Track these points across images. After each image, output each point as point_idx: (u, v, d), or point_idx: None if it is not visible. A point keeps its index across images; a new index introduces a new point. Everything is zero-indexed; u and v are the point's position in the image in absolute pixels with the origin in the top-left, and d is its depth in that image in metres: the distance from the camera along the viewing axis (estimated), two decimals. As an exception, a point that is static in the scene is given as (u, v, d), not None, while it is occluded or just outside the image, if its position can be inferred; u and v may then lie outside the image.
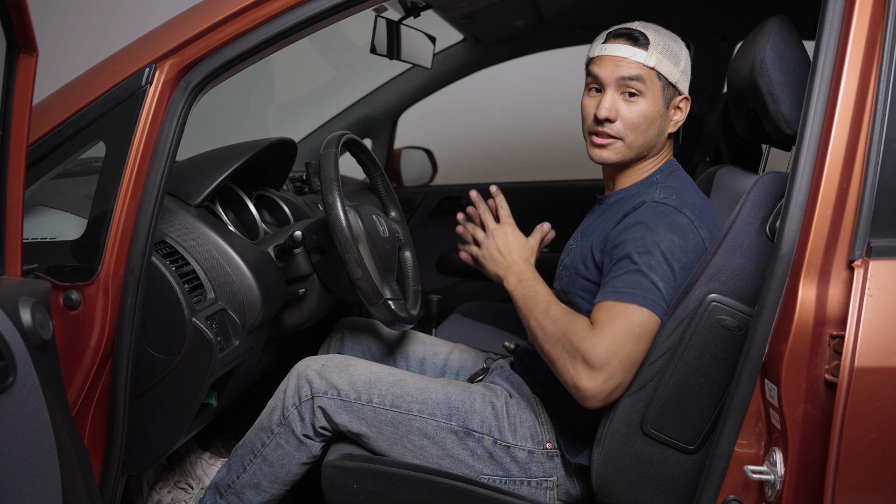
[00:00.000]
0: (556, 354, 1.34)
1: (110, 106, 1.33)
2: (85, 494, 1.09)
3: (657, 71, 1.43)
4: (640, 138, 1.45)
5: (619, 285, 1.33)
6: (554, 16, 2.53)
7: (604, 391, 1.29)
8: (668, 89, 1.45)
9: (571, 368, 1.31)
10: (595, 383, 1.29)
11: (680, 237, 1.35)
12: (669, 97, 1.46)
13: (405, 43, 2.22)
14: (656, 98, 1.44)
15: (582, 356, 1.30)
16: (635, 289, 1.32)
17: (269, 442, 1.55)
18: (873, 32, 1.12)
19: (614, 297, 1.33)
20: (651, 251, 1.33)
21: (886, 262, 1.08)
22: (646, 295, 1.31)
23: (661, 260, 1.33)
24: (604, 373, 1.28)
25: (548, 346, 1.36)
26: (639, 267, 1.33)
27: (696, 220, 1.38)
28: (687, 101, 1.49)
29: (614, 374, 1.29)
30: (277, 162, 1.95)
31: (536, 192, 3.09)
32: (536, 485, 1.49)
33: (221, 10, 1.34)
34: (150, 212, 1.31)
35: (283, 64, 4.03)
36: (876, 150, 1.10)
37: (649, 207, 1.39)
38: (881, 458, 1.07)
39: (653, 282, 1.32)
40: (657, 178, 1.48)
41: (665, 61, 1.43)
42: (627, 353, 1.30)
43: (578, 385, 1.30)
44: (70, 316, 1.29)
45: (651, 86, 1.43)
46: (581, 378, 1.29)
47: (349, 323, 1.88)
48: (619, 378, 1.30)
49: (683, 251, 1.34)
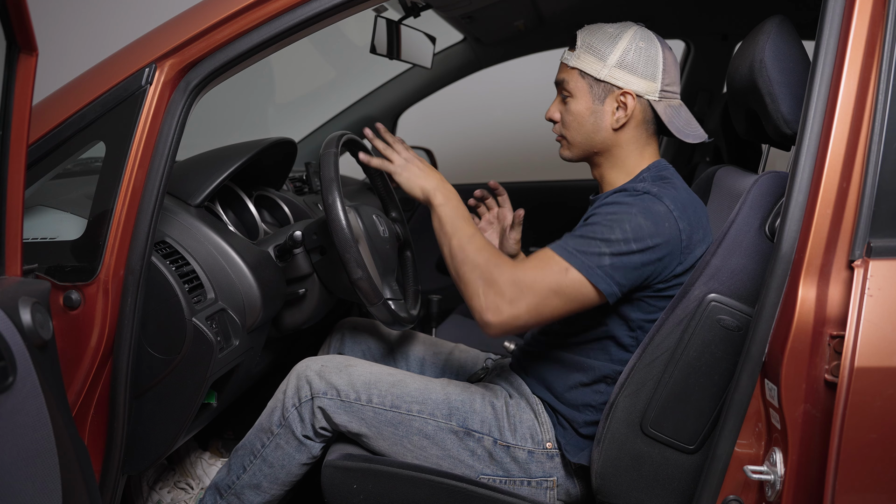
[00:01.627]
0: (469, 278, 1.35)
1: (110, 106, 1.33)
2: (85, 494, 1.09)
3: (579, 70, 1.47)
4: (577, 136, 1.50)
5: (569, 244, 1.35)
6: (554, 16, 2.53)
7: (506, 325, 1.33)
8: (598, 85, 1.46)
9: (483, 296, 1.33)
10: (502, 317, 1.32)
11: (652, 222, 1.34)
12: (602, 93, 1.46)
13: (405, 43, 2.22)
14: (583, 96, 1.47)
15: (496, 287, 1.32)
16: (581, 253, 1.33)
17: (269, 443, 1.55)
18: (873, 32, 1.12)
19: (557, 250, 1.34)
20: (613, 227, 1.33)
21: (886, 262, 1.08)
22: (588, 263, 1.32)
23: (620, 237, 1.33)
24: (513, 309, 1.31)
25: (464, 269, 1.36)
26: (595, 235, 1.34)
27: (675, 210, 1.37)
28: (627, 95, 1.45)
29: (519, 315, 1.32)
30: (277, 162, 1.95)
31: (536, 192, 3.09)
32: (536, 485, 1.49)
33: (221, 10, 1.34)
34: (150, 212, 1.31)
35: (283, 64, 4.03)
36: (876, 150, 1.10)
37: (629, 193, 1.40)
38: (881, 458, 1.07)
39: (601, 252, 1.32)
40: (644, 175, 1.47)
41: (588, 59, 1.46)
42: (539, 302, 1.32)
43: (484, 312, 1.32)
44: (70, 316, 1.29)
45: (577, 85, 1.48)
46: (488, 306, 1.32)
47: (349, 323, 1.88)
48: (523, 320, 1.32)
49: (651, 236, 1.33)
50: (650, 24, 1.51)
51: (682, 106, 1.50)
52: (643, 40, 1.45)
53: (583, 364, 1.48)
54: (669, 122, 1.46)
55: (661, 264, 1.35)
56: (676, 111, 1.48)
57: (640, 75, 1.44)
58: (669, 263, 1.36)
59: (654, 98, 1.45)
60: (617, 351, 1.45)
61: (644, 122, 1.47)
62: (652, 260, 1.34)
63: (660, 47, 1.46)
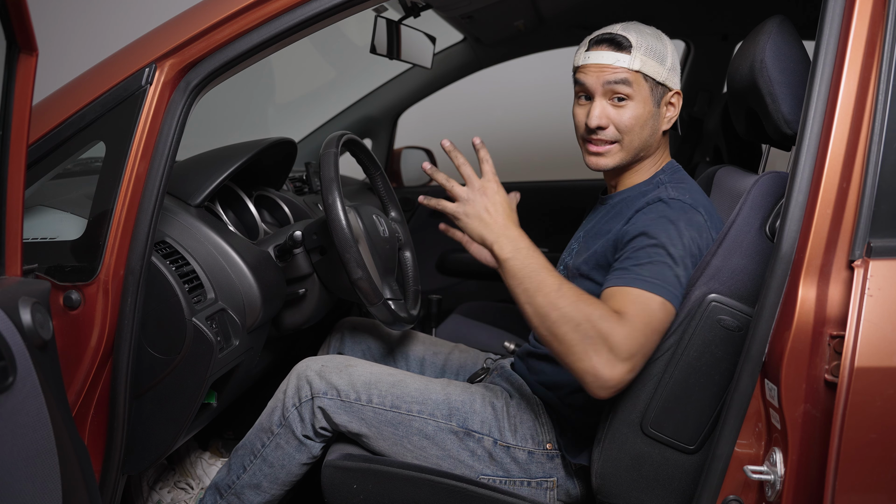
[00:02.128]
0: (573, 339, 1.22)
1: (110, 106, 1.33)
2: (85, 494, 1.09)
3: (643, 73, 1.42)
4: (636, 140, 1.45)
5: (646, 274, 1.28)
6: (554, 16, 2.53)
7: (622, 382, 1.24)
8: (658, 89, 1.44)
9: (594, 355, 1.21)
10: (617, 373, 1.21)
11: (698, 234, 1.35)
12: (659, 96, 1.45)
13: (405, 43, 2.22)
14: (645, 99, 1.43)
15: (609, 344, 1.21)
16: (663, 281, 1.28)
17: (270, 442, 1.55)
18: (873, 32, 1.12)
19: (642, 285, 1.27)
20: (675, 244, 1.32)
21: (886, 262, 1.08)
22: (672, 290, 1.29)
23: (683, 254, 1.31)
24: (629, 364, 1.22)
25: (563, 329, 1.23)
26: (664, 259, 1.30)
27: (708, 220, 1.38)
28: (678, 95, 1.48)
29: (636, 367, 1.24)
30: (277, 162, 1.95)
31: (536, 192, 3.09)
32: (536, 485, 1.49)
33: (221, 10, 1.34)
34: (150, 212, 1.31)
35: (283, 64, 4.03)
36: (876, 150, 1.10)
37: (667, 205, 1.38)
38: (881, 458, 1.07)
39: (677, 275, 1.30)
40: (661, 178, 1.48)
41: (650, 62, 1.42)
42: (651, 348, 1.27)
43: (599, 374, 1.21)
44: (70, 316, 1.29)
45: (638, 88, 1.42)
46: (603, 367, 1.21)
47: (349, 323, 1.88)
48: (636, 372, 1.25)
49: (700, 249, 1.34)
50: (650, 24, 1.51)
51: None
52: (671, 43, 1.48)
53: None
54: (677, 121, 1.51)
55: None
56: None
57: (679, 76, 1.48)
58: None
59: None
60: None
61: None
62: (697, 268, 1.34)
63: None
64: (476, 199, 1.32)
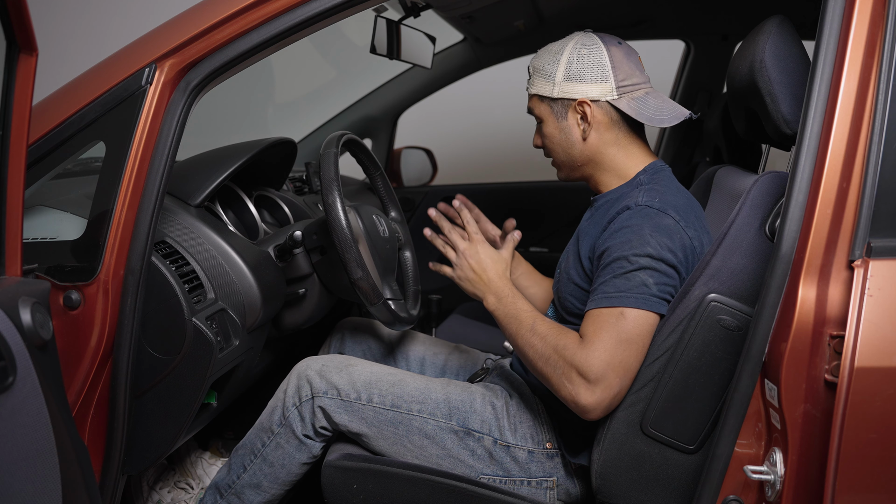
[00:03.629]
0: (549, 372, 1.35)
1: (110, 106, 1.33)
2: (85, 494, 1.09)
3: (537, 95, 1.50)
4: (561, 155, 1.52)
5: (609, 290, 1.33)
6: (554, 16, 2.53)
7: (603, 402, 1.30)
8: (556, 104, 1.48)
9: (568, 384, 1.31)
10: (594, 397, 1.30)
11: (667, 237, 1.34)
12: (562, 109, 1.47)
13: (405, 43, 2.22)
14: (548, 117, 1.50)
15: (577, 371, 1.30)
16: (624, 291, 1.32)
17: (270, 442, 1.55)
18: (873, 32, 1.12)
19: (604, 303, 1.33)
20: (638, 253, 1.33)
21: (886, 262, 1.08)
22: (636, 295, 1.31)
23: (648, 261, 1.32)
24: (601, 385, 1.29)
25: (540, 365, 1.36)
26: (626, 269, 1.33)
27: (681, 221, 1.37)
28: (583, 104, 1.45)
29: (611, 385, 1.29)
30: (277, 162, 1.95)
31: (536, 192, 3.09)
32: (536, 485, 1.49)
33: (221, 10, 1.34)
34: (150, 212, 1.31)
35: (283, 64, 4.03)
36: (876, 150, 1.10)
37: (633, 211, 1.38)
38: (881, 458, 1.07)
39: (642, 281, 1.31)
40: (641, 178, 1.47)
41: (538, 81, 1.49)
42: (621, 360, 1.30)
43: (578, 401, 1.31)
44: (70, 316, 1.29)
45: (540, 110, 1.51)
46: (580, 393, 1.30)
47: (349, 323, 1.88)
48: (616, 387, 1.30)
49: (673, 251, 1.34)
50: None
51: (649, 93, 1.48)
52: (585, 47, 1.45)
53: (583, 364, 1.48)
54: (637, 113, 1.45)
55: (686, 272, 1.35)
56: (642, 101, 1.46)
57: (590, 81, 1.45)
58: (689, 270, 1.36)
59: (612, 97, 1.45)
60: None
61: (612, 122, 1.47)
62: (680, 270, 1.34)
63: (603, 48, 1.45)
64: (463, 263, 1.50)
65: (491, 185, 3.17)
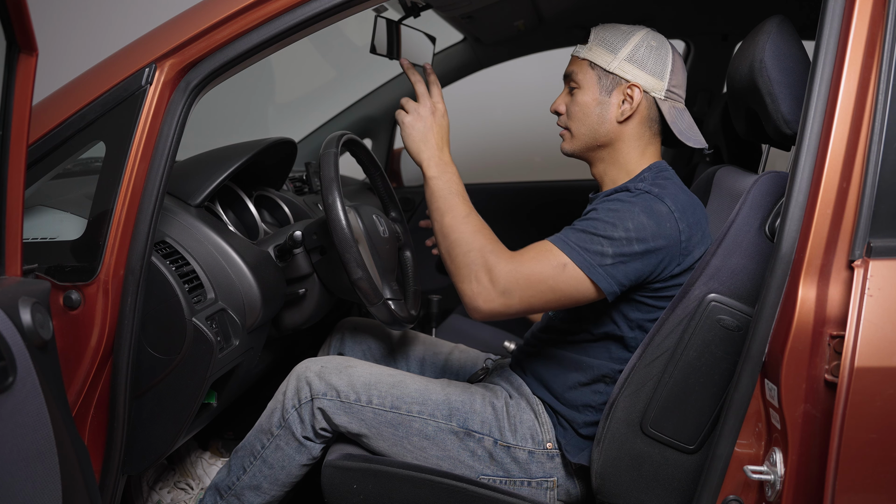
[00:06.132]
0: (461, 262, 1.33)
1: (110, 106, 1.33)
2: (85, 494, 1.09)
3: (589, 61, 1.48)
4: (582, 127, 1.49)
5: (570, 237, 1.34)
6: (554, 16, 2.53)
7: (492, 313, 1.32)
8: (607, 77, 1.46)
9: (475, 283, 1.31)
10: (489, 305, 1.31)
11: (654, 222, 1.34)
12: (610, 85, 1.46)
13: (405, 43, 2.22)
14: (591, 87, 1.48)
15: (490, 275, 1.31)
16: (583, 249, 1.32)
17: (269, 444, 1.55)
18: (873, 32, 1.12)
19: (558, 244, 1.33)
20: (616, 224, 1.33)
21: (886, 262, 1.08)
22: (590, 259, 1.31)
23: (623, 235, 1.32)
24: (503, 299, 1.31)
25: (456, 251, 1.34)
26: (597, 231, 1.33)
27: (676, 211, 1.37)
28: (636, 88, 1.45)
29: (510, 306, 1.31)
30: (277, 162, 1.95)
31: (536, 192, 3.09)
32: (537, 485, 1.49)
33: (221, 10, 1.34)
34: (150, 212, 1.31)
35: (283, 64, 4.03)
36: (876, 150, 1.10)
37: (631, 193, 1.39)
38: (881, 458, 1.07)
39: (603, 251, 1.31)
40: (644, 175, 1.48)
41: (599, 50, 1.47)
42: (533, 296, 1.31)
43: (474, 298, 1.31)
44: (70, 316, 1.29)
45: (585, 76, 1.48)
46: (479, 293, 1.31)
47: (349, 323, 1.88)
48: (511, 310, 1.32)
49: (654, 236, 1.33)
50: (650, 24, 1.52)
51: (686, 111, 1.51)
52: (654, 40, 1.47)
53: (582, 363, 1.48)
54: (673, 122, 1.46)
55: (661, 265, 1.35)
56: (680, 114, 1.49)
57: (649, 72, 1.45)
58: (668, 264, 1.36)
59: (660, 96, 1.46)
60: (617, 349, 1.45)
61: (648, 119, 1.48)
62: (652, 260, 1.34)
63: (670, 49, 1.48)
64: (426, 115, 1.46)
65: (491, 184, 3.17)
